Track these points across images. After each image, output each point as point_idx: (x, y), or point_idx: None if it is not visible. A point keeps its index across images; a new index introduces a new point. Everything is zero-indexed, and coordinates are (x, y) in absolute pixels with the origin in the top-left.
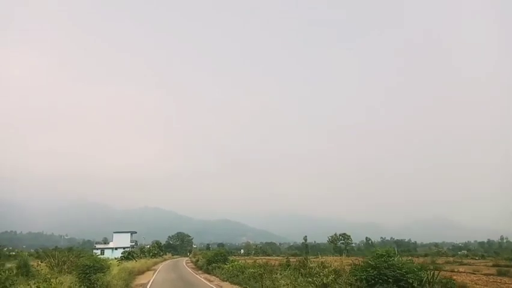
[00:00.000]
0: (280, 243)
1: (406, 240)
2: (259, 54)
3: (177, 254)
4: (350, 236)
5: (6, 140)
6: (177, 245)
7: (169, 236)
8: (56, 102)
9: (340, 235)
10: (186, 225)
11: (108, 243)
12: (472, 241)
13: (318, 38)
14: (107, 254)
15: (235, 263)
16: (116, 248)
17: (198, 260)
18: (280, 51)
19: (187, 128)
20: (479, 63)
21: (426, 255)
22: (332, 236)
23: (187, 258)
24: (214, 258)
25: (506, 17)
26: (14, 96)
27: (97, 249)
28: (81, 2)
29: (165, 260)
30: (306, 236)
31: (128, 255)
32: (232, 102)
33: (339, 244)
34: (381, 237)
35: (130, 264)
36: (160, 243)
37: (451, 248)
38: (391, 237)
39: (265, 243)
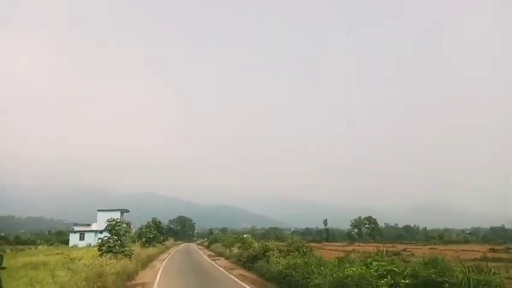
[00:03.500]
0: (282, 229)
1: (412, 226)
2: (256, 50)
3: (180, 240)
4: (376, 219)
5: (7, 125)
6: (178, 230)
7: (169, 220)
8: (60, 89)
9: (365, 219)
10: (186, 210)
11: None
12: (475, 227)
13: (319, 35)
14: (89, 239)
15: None
16: (101, 231)
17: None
18: (280, 48)
19: (190, 117)
20: (480, 62)
21: (462, 241)
22: (355, 220)
23: (196, 246)
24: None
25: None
26: (18, 82)
27: (75, 232)
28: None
29: (168, 248)
30: (326, 220)
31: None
32: (233, 93)
33: (364, 229)
34: (385, 223)
35: None
36: (160, 222)
37: (461, 234)
38: (394, 223)
39: (269, 228)
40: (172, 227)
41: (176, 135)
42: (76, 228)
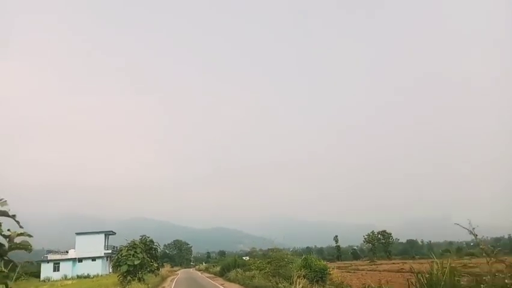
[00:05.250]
0: (281, 249)
1: (414, 239)
2: (253, 54)
3: (176, 265)
4: (391, 233)
5: None
6: (174, 255)
7: (164, 245)
8: (44, 112)
9: (378, 233)
10: (181, 234)
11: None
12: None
13: (320, 33)
14: (65, 269)
15: None
16: (80, 260)
17: None
18: (277, 50)
19: (179, 137)
20: (482, 68)
21: (489, 253)
22: (368, 235)
23: (200, 273)
24: None
25: None
26: (1, 106)
27: (48, 261)
28: (72, 9)
29: (164, 279)
30: (336, 236)
31: None
32: (223, 108)
33: (377, 244)
34: None
35: None
36: (152, 242)
37: (465, 246)
38: (395, 238)
39: (268, 249)
40: (168, 252)
41: (165, 158)
42: (50, 257)
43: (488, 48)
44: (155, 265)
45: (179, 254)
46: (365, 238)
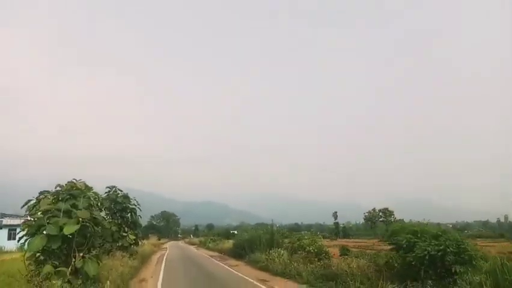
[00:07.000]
0: (268, 225)
1: (401, 218)
2: (249, 45)
3: (163, 237)
4: (393, 211)
5: None
6: (161, 226)
7: (151, 216)
8: (35, 82)
9: (380, 211)
10: (169, 207)
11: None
12: (459, 221)
13: (310, 31)
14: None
15: None
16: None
17: None
18: (267, 47)
19: (173, 115)
20: (477, 61)
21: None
22: (369, 213)
23: (195, 249)
24: None
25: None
26: None
27: (2, 227)
28: None
29: (144, 260)
30: (336, 212)
31: None
32: (216, 95)
33: (378, 222)
34: None
35: None
36: (127, 198)
37: (451, 228)
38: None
39: (255, 224)
40: (155, 223)
41: (156, 131)
42: (5, 221)
43: (487, 44)
44: (132, 237)
45: (166, 226)
46: (365, 216)
